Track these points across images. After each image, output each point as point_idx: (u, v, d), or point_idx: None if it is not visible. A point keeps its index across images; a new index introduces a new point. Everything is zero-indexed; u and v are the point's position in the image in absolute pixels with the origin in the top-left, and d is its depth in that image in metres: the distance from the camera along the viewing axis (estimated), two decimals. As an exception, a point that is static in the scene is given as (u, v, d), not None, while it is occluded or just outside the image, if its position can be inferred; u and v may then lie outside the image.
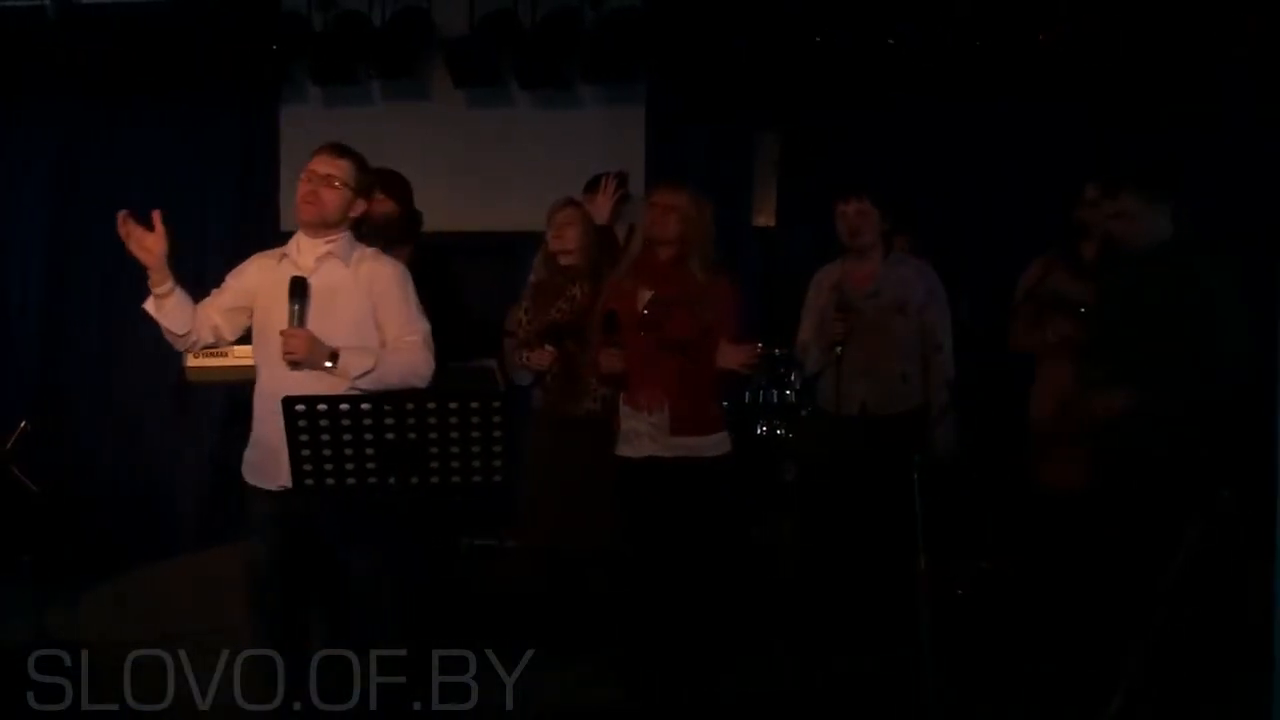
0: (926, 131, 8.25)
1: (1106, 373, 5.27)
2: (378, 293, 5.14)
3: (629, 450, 5.68)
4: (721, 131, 8.56)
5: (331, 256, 5.14)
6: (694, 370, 5.58)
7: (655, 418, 5.59)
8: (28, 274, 9.22)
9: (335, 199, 5.13)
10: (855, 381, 6.16)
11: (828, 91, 8.16)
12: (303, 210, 5.16)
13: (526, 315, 6.49)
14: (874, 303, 6.20)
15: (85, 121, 9.17)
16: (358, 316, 5.11)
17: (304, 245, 5.19)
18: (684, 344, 5.56)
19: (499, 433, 4.49)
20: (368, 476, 4.50)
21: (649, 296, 5.66)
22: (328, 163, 5.16)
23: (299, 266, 5.12)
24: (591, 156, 7.85)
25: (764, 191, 8.54)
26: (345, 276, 5.13)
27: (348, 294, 5.11)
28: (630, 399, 5.65)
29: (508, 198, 8.24)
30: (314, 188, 5.13)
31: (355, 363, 5.00)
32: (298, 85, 8.85)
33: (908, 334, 6.24)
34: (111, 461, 9.09)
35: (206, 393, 8.43)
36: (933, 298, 6.29)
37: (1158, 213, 5.30)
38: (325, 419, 4.46)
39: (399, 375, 5.07)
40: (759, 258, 8.41)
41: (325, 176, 5.13)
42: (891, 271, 6.28)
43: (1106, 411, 5.26)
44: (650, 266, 5.69)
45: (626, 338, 5.58)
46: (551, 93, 8.51)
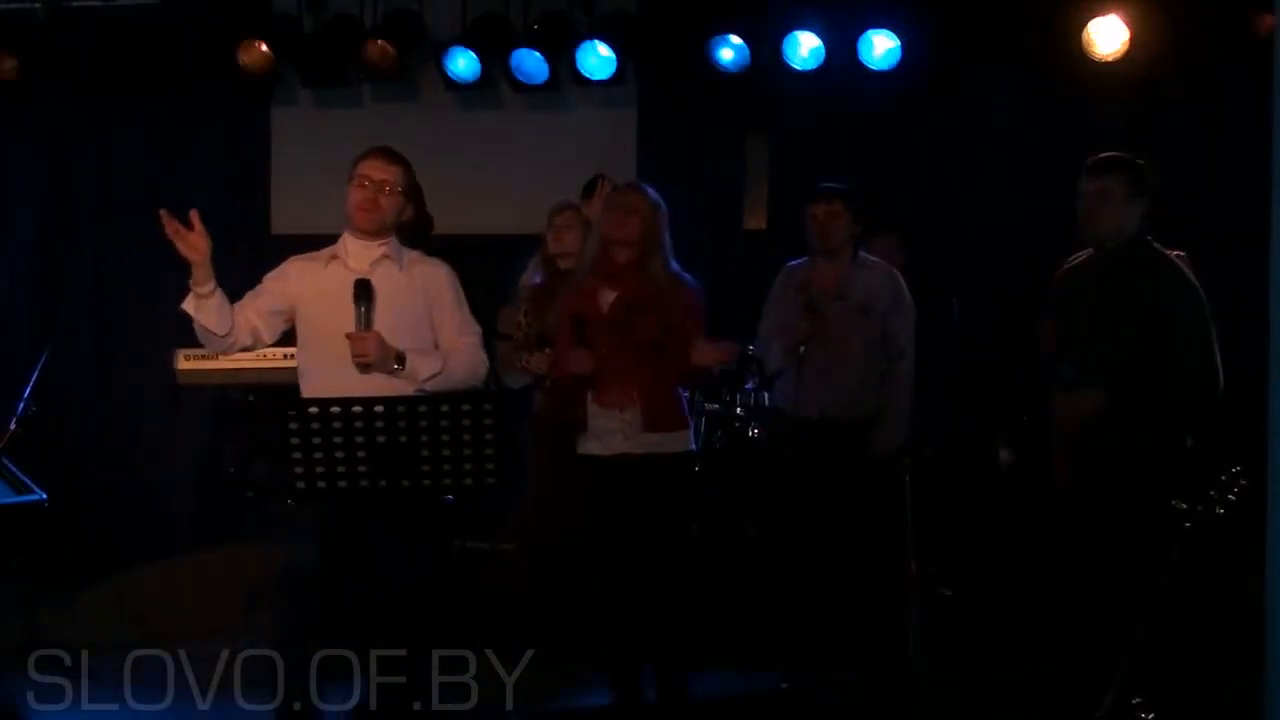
0: (916, 131, 8.28)
1: (1079, 372, 5.28)
2: (433, 295, 5.17)
3: (597, 448, 5.68)
4: (712, 134, 8.57)
5: (386, 259, 5.15)
6: (661, 368, 5.60)
7: (627, 415, 5.60)
8: (19, 277, 9.21)
9: (392, 204, 5.14)
10: (815, 383, 6.17)
11: (816, 93, 8.19)
12: (360, 217, 5.13)
13: (525, 318, 6.48)
14: (839, 305, 6.22)
15: (76, 124, 9.16)
16: (415, 318, 5.13)
17: (355, 249, 5.18)
18: (650, 344, 5.57)
19: (491, 435, 4.49)
20: (360, 480, 4.50)
21: (613, 298, 5.67)
22: (383, 169, 5.15)
23: (353, 270, 5.10)
24: (582, 159, 7.85)
25: (755, 194, 8.56)
26: (400, 279, 5.14)
27: (404, 296, 5.12)
28: (600, 398, 5.65)
29: (498, 200, 8.25)
30: (372, 194, 5.12)
31: (423, 365, 5.02)
32: (289, 87, 8.85)
33: (870, 339, 6.25)
34: (104, 464, 9.06)
35: (199, 395, 8.42)
36: (898, 303, 6.29)
37: (1134, 205, 5.32)
38: (318, 422, 4.46)
39: (463, 376, 5.13)
40: (750, 260, 8.43)
41: (381, 182, 5.12)
42: (858, 275, 6.29)
43: (1080, 412, 5.27)
44: (611, 267, 5.69)
45: (592, 338, 5.59)
46: (542, 95, 8.52)
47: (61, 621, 7.01)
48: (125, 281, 9.12)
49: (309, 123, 8.83)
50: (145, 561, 7.99)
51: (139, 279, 9.07)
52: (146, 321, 9.02)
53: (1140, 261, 5.30)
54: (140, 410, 9.01)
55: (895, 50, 7.78)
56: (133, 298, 9.09)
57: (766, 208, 8.56)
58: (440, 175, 6.14)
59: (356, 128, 8.62)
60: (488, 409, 4.50)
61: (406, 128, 8.55)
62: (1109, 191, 5.30)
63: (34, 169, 9.22)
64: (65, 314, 9.15)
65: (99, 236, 9.17)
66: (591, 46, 8.12)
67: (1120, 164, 5.36)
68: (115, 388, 9.06)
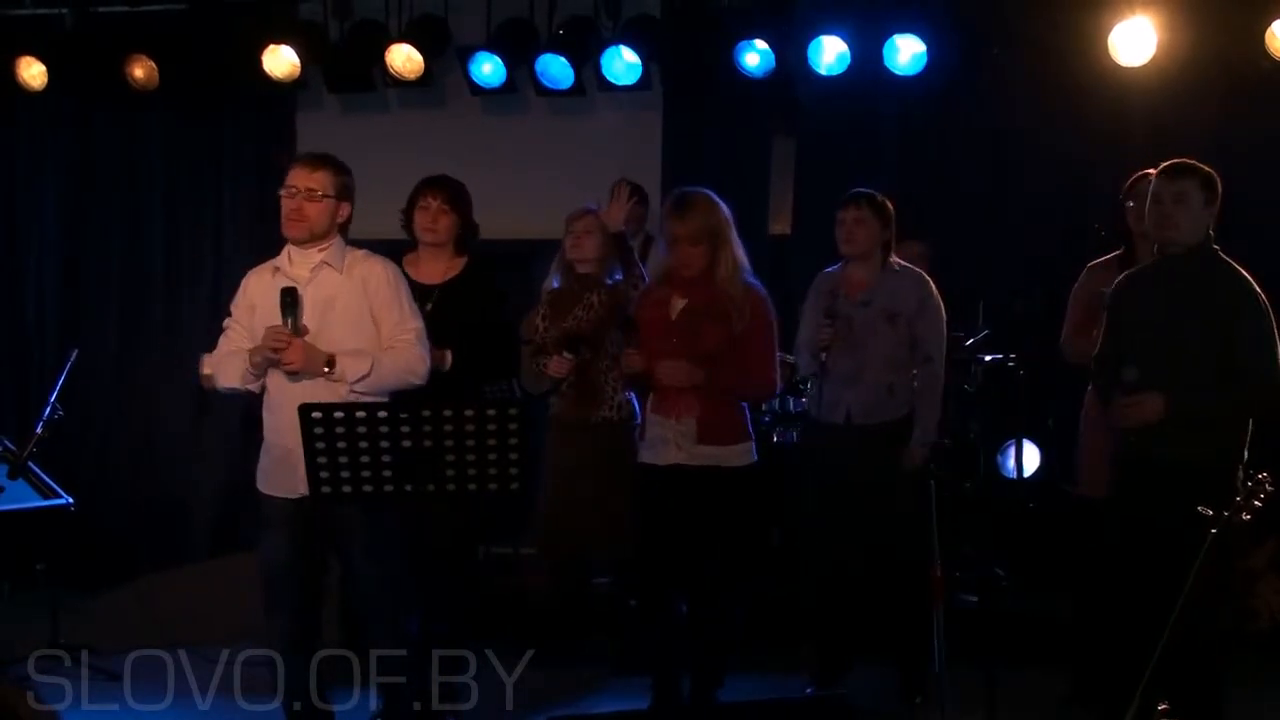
0: (942, 135, 8.26)
1: (1141, 376, 5.22)
2: (371, 292, 5.18)
3: (653, 457, 5.68)
4: (737, 139, 8.56)
5: (325, 265, 5.18)
6: (724, 380, 5.59)
7: (683, 425, 5.59)
8: (44, 282, 9.25)
9: (319, 211, 5.15)
10: (841, 389, 6.16)
11: (841, 98, 8.18)
12: (290, 228, 5.18)
13: (544, 323, 6.50)
14: (864, 311, 6.19)
15: (102, 129, 9.19)
16: (357, 319, 5.15)
17: (296, 257, 5.22)
18: (715, 354, 5.56)
19: (515, 440, 4.49)
20: (384, 484, 4.51)
21: (682, 305, 5.67)
22: (307, 176, 5.17)
23: (292, 278, 5.15)
24: (607, 165, 7.85)
25: (780, 199, 8.55)
26: (340, 282, 5.17)
27: (345, 299, 5.15)
28: (659, 406, 5.65)
29: (523, 205, 8.23)
30: (297, 203, 5.15)
31: (352, 367, 5.04)
32: (314, 93, 8.87)
33: (897, 344, 6.21)
34: (129, 468, 9.10)
35: (223, 399, 8.44)
36: (924, 308, 6.26)
37: (1207, 211, 5.28)
38: (342, 426, 4.47)
39: (395, 376, 5.12)
40: (775, 265, 8.42)
41: (307, 190, 5.14)
42: (886, 280, 6.26)
43: (1142, 416, 5.21)
44: (682, 275, 5.69)
45: (658, 345, 5.59)
46: (567, 100, 8.52)
47: (81, 626, 7.02)
48: (151, 287, 9.14)
49: (334, 128, 8.83)
50: (169, 566, 8.03)
51: (165, 284, 9.10)
52: (172, 326, 9.07)
53: (1210, 268, 5.25)
54: (166, 414, 9.04)
55: (922, 55, 7.75)
56: (159, 303, 9.12)
57: (792, 213, 8.55)
58: (465, 180, 6.15)
59: (382, 133, 8.66)
60: (512, 414, 4.51)
61: (432, 133, 8.59)
62: (1186, 195, 5.24)
63: (61, 174, 9.25)
64: (92, 318, 9.18)
65: (126, 241, 9.19)
66: (616, 52, 8.12)
67: (1195, 169, 5.31)
68: (141, 392, 9.08)
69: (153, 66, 8.53)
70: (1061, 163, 8.03)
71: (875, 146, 8.28)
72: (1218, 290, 5.23)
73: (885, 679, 6.20)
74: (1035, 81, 7.91)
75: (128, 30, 8.64)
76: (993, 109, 8.15)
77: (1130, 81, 7.60)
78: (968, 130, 8.26)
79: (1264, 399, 5.22)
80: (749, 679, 6.21)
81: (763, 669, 6.48)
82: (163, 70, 8.55)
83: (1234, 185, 7.72)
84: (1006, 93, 8.05)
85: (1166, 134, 7.23)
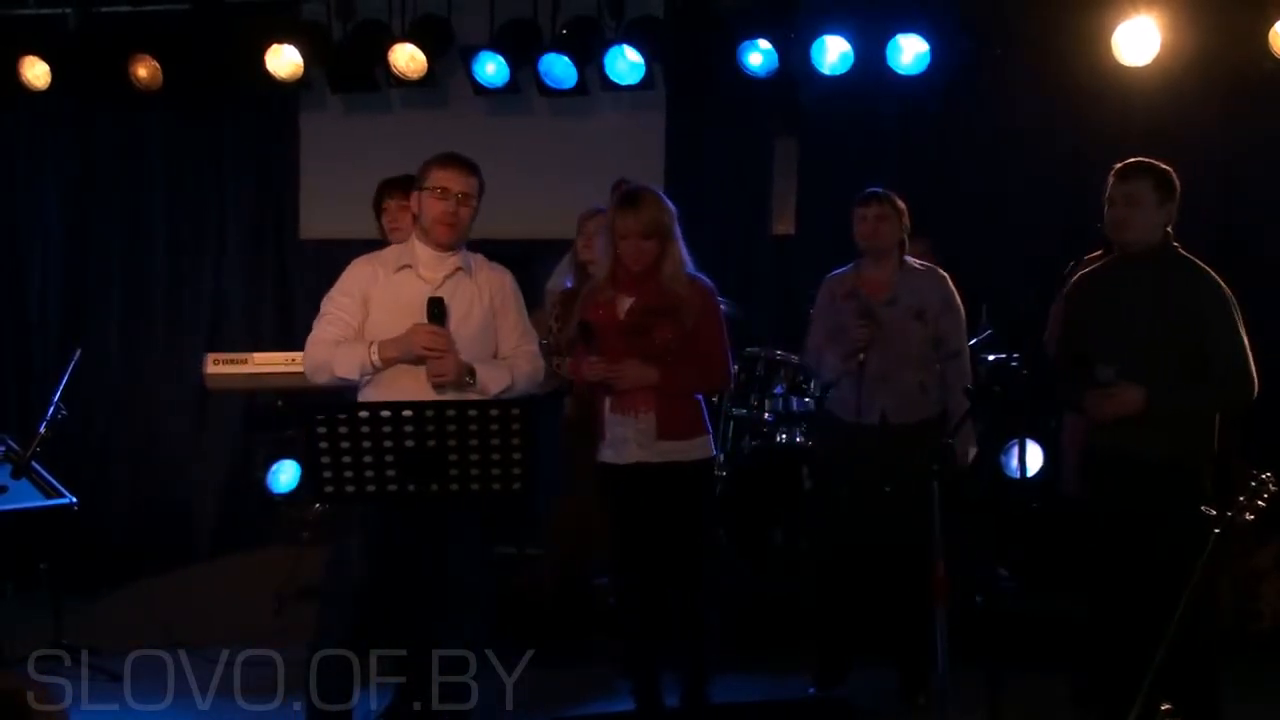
0: (945, 134, 8.27)
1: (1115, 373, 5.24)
2: (498, 303, 5.11)
3: (613, 457, 5.64)
4: (741, 139, 8.56)
5: (460, 271, 5.07)
6: (678, 375, 5.57)
7: (643, 423, 5.56)
8: (47, 283, 9.27)
9: (470, 217, 5.05)
10: (875, 390, 6.13)
11: (845, 97, 8.19)
12: (442, 232, 5.00)
13: (556, 323, 6.47)
14: (892, 310, 6.17)
15: (106, 129, 9.20)
16: (484, 327, 5.08)
17: (428, 259, 5.05)
18: (667, 351, 5.54)
19: (519, 440, 4.47)
20: (388, 484, 4.49)
21: (629, 304, 5.63)
22: (463, 180, 5.02)
23: (426, 280, 5.02)
24: (610, 165, 7.83)
25: (783, 199, 8.55)
26: (471, 289, 5.07)
27: (474, 306, 5.06)
28: (618, 406, 5.62)
29: (526, 205, 8.23)
30: (454, 207, 4.98)
31: (492, 379, 4.96)
32: (317, 93, 8.86)
33: (925, 342, 6.20)
34: (132, 468, 9.11)
35: (227, 399, 8.45)
36: (948, 305, 6.26)
37: (1163, 210, 5.29)
38: (345, 427, 4.45)
39: (526, 386, 5.07)
40: (778, 265, 8.42)
41: (464, 195, 5.00)
42: (907, 278, 6.25)
43: (1120, 409, 5.22)
44: (627, 274, 5.65)
45: (609, 345, 5.56)
46: (570, 100, 8.53)
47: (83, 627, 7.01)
48: (154, 286, 9.15)
49: (338, 128, 8.85)
50: (173, 566, 8.03)
51: (168, 284, 9.11)
52: (175, 326, 9.07)
53: (1170, 265, 5.27)
54: (169, 414, 9.05)
55: (925, 55, 7.76)
56: (162, 303, 9.13)
57: (795, 213, 8.55)
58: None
59: (385, 133, 8.66)
60: (515, 414, 4.47)
61: (435, 133, 8.56)
62: (1138, 196, 5.27)
63: (64, 174, 9.27)
64: (95, 318, 9.20)
65: (129, 241, 9.20)
66: (620, 52, 8.12)
67: (1148, 169, 5.33)
68: (144, 392, 9.10)
69: (155, 66, 8.55)
70: (1063, 163, 8.03)
71: (878, 146, 8.29)
72: (1182, 288, 5.24)
73: (886, 679, 6.19)
74: (1038, 81, 7.92)
75: (130, 30, 8.65)
76: (996, 109, 8.16)
77: (1133, 82, 7.62)
78: (970, 130, 8.27)
79: (1236, 392, 5.22)
80: (749, 679, 6.22)
81: (763, 669, 6.48)
82: (165, 70, 8.56)
83: (1237, 185, 7.89)
84: (1009, 93, 8.06)
85: (1169, 134, 7.22)
